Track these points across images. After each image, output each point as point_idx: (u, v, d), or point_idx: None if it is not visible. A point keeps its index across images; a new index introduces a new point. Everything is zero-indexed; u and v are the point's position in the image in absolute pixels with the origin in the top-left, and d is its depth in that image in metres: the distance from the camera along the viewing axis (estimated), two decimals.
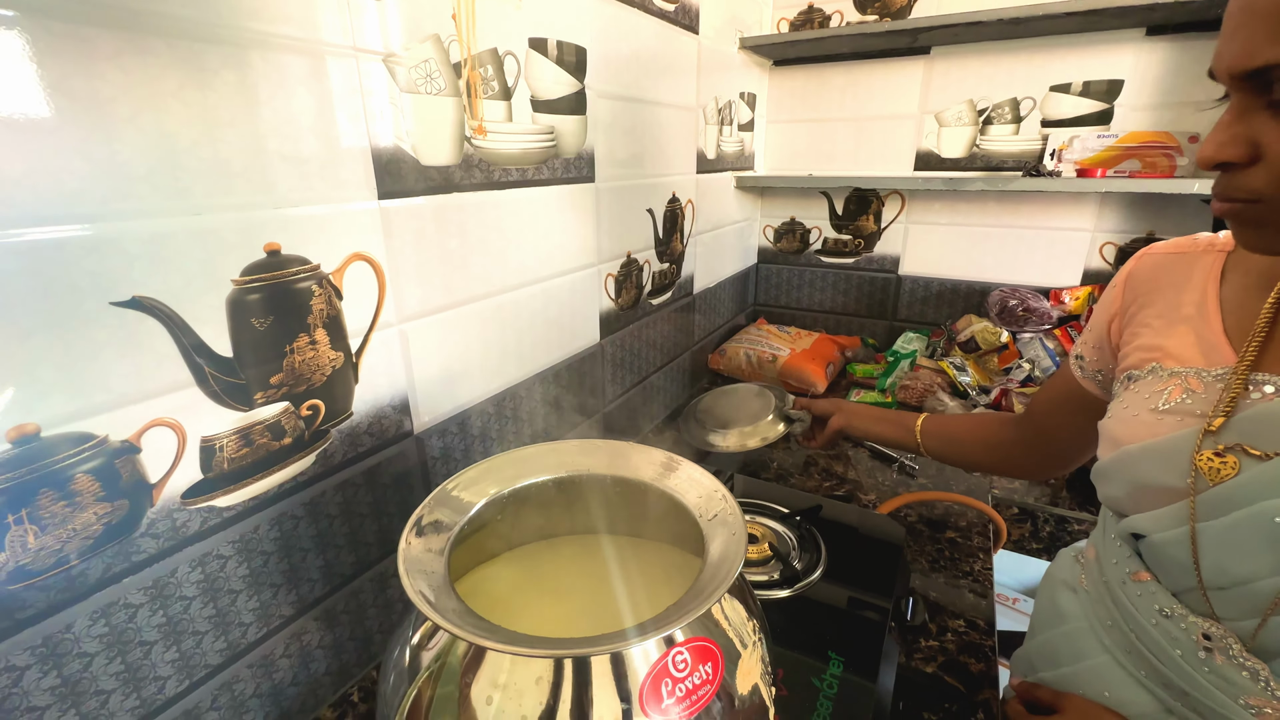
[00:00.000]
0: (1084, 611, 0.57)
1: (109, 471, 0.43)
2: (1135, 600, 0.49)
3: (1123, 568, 0.51)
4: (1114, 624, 0.52)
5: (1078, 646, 0.55)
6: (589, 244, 0.93)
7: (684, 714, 0.30)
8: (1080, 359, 0.63)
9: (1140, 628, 0.48)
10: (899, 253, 1.55)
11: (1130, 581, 0.49)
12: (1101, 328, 0.60)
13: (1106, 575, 0.53)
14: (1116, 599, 0.51)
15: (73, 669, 0.43)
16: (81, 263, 0.40)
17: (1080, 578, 0.59)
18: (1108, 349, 0.59)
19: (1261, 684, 0.41)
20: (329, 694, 0.64)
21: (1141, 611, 0.48)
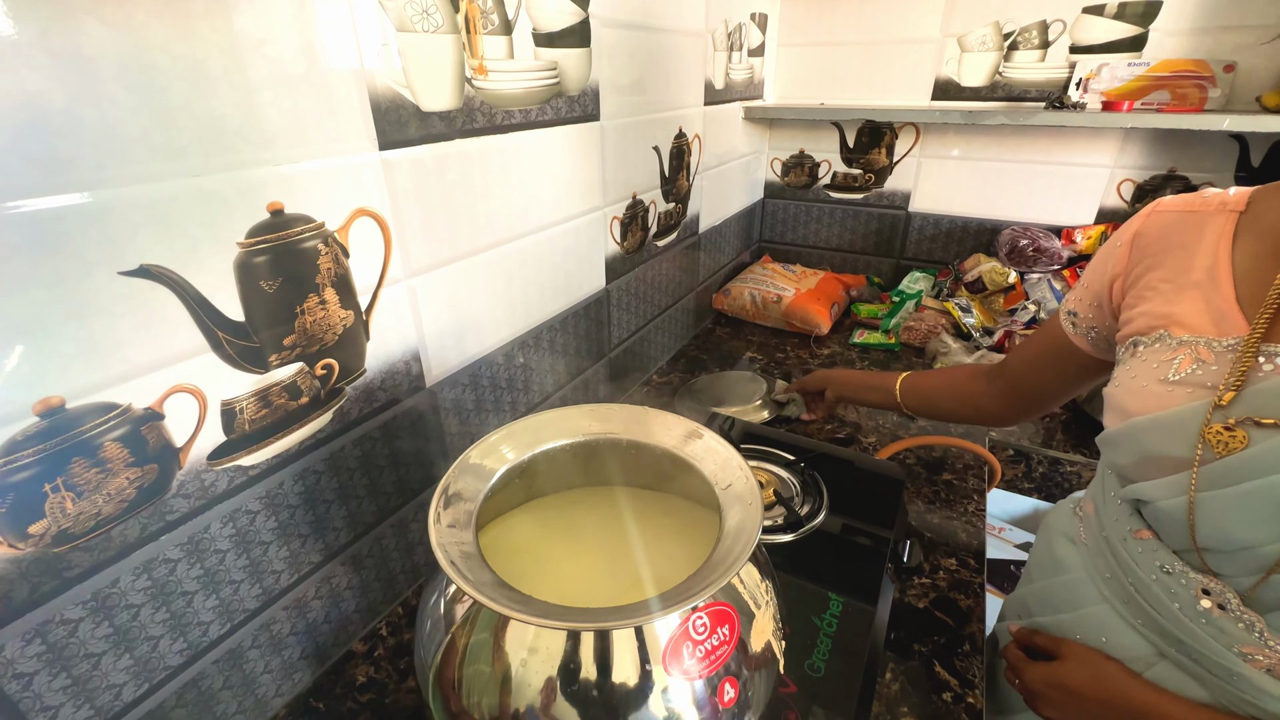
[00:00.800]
0: (1083, 563, 0.58)
1: (136, 438, 0.44)
2: (1136, 556, 0.50)
3: (1123, 525, 0.52)
4: (1113, 576, 0.54)
5: (1076, 595, 0.58)
6: (594, 186, 0.91)
7: (703, 672, 0.33)
8: (1073, 315, 0.61)
9: (1140, 582, 0.50)
10: (910, 188, 1.51)
11: (1131, 539, 0.51)
12: (1101, 286, 0.57)
13: (1106, 531, 0.54)
14: (1117, 554, 0.53)
15: (123, 619, 0.46)
16: (85, 233, 0.39)
17: (1079, 531, 0.61)
18: (1106, 308, 0.57)
19: (1256, 634, 0.44)
20: (359, 629, 0.68)
21: (1142, 567, 0.50)
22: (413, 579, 0.74)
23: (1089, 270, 0.60)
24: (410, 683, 0.64)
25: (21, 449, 0.38)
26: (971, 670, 0.64)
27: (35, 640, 0.41)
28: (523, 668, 0.34)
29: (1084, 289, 0.60)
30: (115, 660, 0.46)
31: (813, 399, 1.02)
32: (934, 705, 0.61)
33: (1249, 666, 0.44)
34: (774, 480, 0.80)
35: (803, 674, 0.57)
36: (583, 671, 0.34)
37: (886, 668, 0.64)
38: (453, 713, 0.38)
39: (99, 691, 0.45)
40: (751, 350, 1.37)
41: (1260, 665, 0.44)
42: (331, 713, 0.61)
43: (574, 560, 0.51)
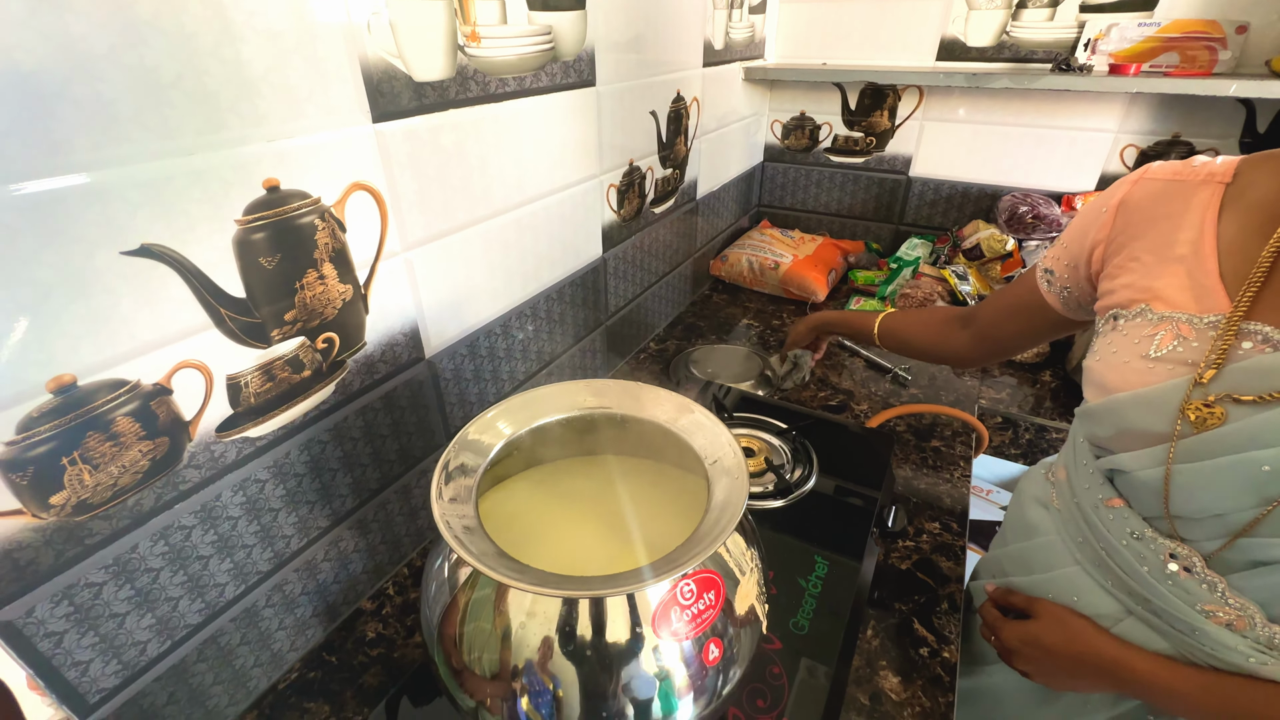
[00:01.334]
0: (1055, 527, 0.61)
1: (146, 413, 0.45)
2: (1107, 523, 0.52)
3: (1095, 493, 0.54)
4: (1084, 541, 0.56)
5: (1049, 558, 0.60)
6: (590, 154, 0.90)
7: (690, 634, 0.35)
8: (1050, 273, 0.61)
9: (1111, 546, 0.52)
10: (911, 152, 1.49)
11: (1103, 506, 0.53)
12: (1081, 250, 0.56)
13: (1079, 498, 0.56)
14: (1088, 520, 0.55)
15: (143, 581, 0.48)
16: (86, 214, 0.39)
17: (1052, 496, 0.63)
18: (1083, 272, 0.57)
19: (1218, 594, 0.47)
20: (367, 589, 0.72)
21: (1113, 533, 0.52)
22: (417, 541, 0.77)
23: (1070, 231, 0.59)
24: (417, 638, 0.67)
25: (38, 425, 0.40)
26: (949, 627, 0.68)
27: (63, 602, 0.43)
28: (521, 629, 0.36)
29: (1062, 249, 0.59)
30: (139, 620, 0.49)
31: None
32: (911, 659, 0.64)
33: (1210, 623, 0.47)
34: (765, 448, 0.82)
35: (788, 631, 0.60)
36: (578, 632, 0.36)
37: (868, 625, 0.68)
38: (455, 668, 0.41)
39: (125, 648, 0.48)
40: (748, 317, 1.38)
41: (1220, 621, 0.47)
42: (344, 666, 0.64)
43: (569, 525, 0.53)
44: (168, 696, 0.53)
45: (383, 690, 0.62)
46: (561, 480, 0.57)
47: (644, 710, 0.36)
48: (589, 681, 0.36)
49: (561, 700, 0.37)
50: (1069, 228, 0.59)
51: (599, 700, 0.36)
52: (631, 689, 0.36)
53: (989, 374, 1.17)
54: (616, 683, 0.36)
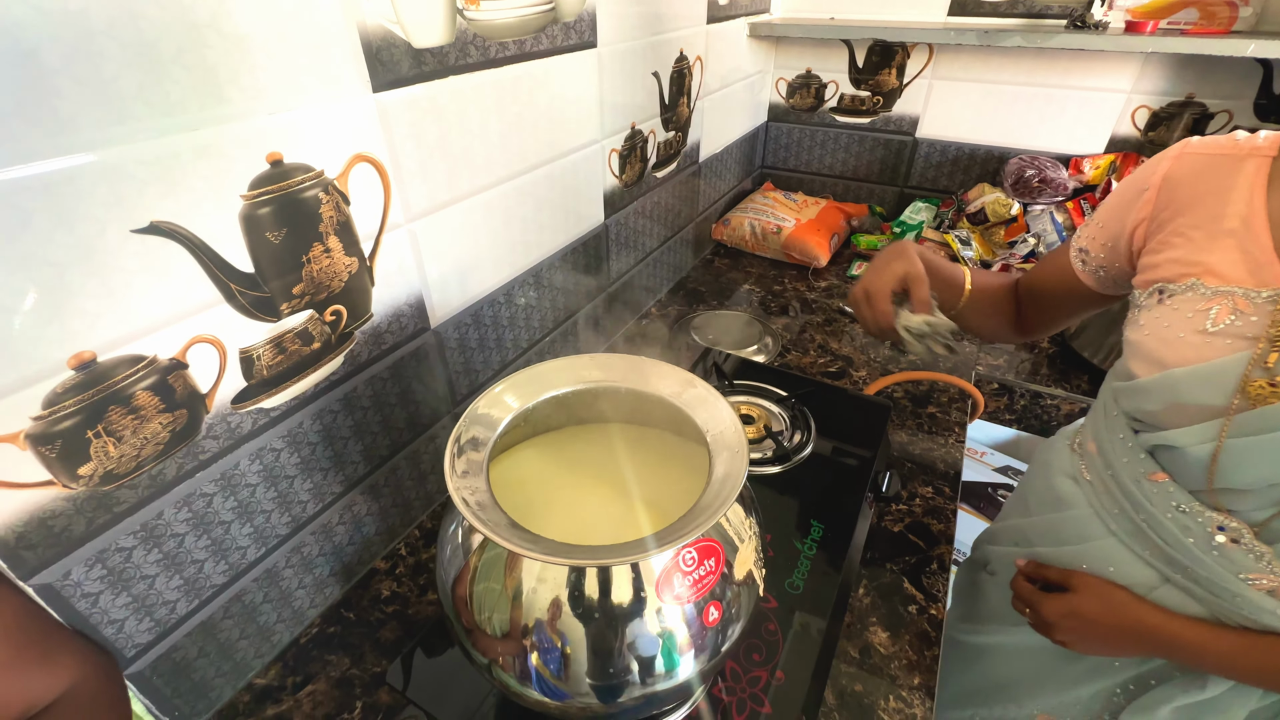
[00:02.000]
0: (1087, 500, 0.60)
1: (164, 387, 0.47)
2: (1151, 497, 0.52)
3: (1136, 468, 0.53)
4: (1121, 513, 0.56)
5: (1082, 529, 0.60)
6: (592, 119, 0.88)
7: (691, 598, 0.38)
8: (1084, 253, 0.60)
9: (1154, 519, 0.52)
10: (919, 113, 1.46)
11: (1146, 481, 0.52)
12: (1121, 229, 0.55)
13: (1116, 471, 0.56)
14: (1128, 493, 0.54)
15: (170, 546, 0.51)
16: (95, 193, 0.39)
17: (1081, 469, 0.62)
18: (1124, 251, 0.56)
19: (1264, 563, 0.48)
20: (380, 549, 0.75)
21: (1157, 506, 0.52)
22: (426, 505, 0.80)
23: (1105, 210, 0.58)
24: (430, 596, 0.71)
25: (62, 400, 0.41)
26: (937, 586, 0.71)
27: (96, 566, 0.46)
28: (532, 593, 0.39)
29: (1098, 228, 0.58)
30: (167, 581, 0.51)
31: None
32: (900, 616, 0.68)
33: (1251, 589, 0.49)
34: (765, 414, 0.84)
35: (783, 591, 0.63)
36: (586, 595, 0.38)
37: (860, 584, 0.71)
38: (469, 628, 0.43)
39: (156, 607, 0.51)
40: (750, 283, 1.38)
41: (1262, 588, 0.48)
42: (361, 621, 0.68)
43: (576, 490, 0.55)
44: (198, 650, 0.56)
45: (399, 644, 0.65)
46: (568, 446, 0.59)
47: (648, 666, 0.39)
48: (596, 640, 0.38)
49: (569, 657, 0.40)
50: (1103, 207, 0.58)
51: (605, 657, 0.38)
52: (636, 647, 0.38)
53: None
54: (622, 641, 0.39)
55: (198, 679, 0.57)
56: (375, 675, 0.63)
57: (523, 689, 0.42)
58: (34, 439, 0.40)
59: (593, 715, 0.43)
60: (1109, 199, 0.58)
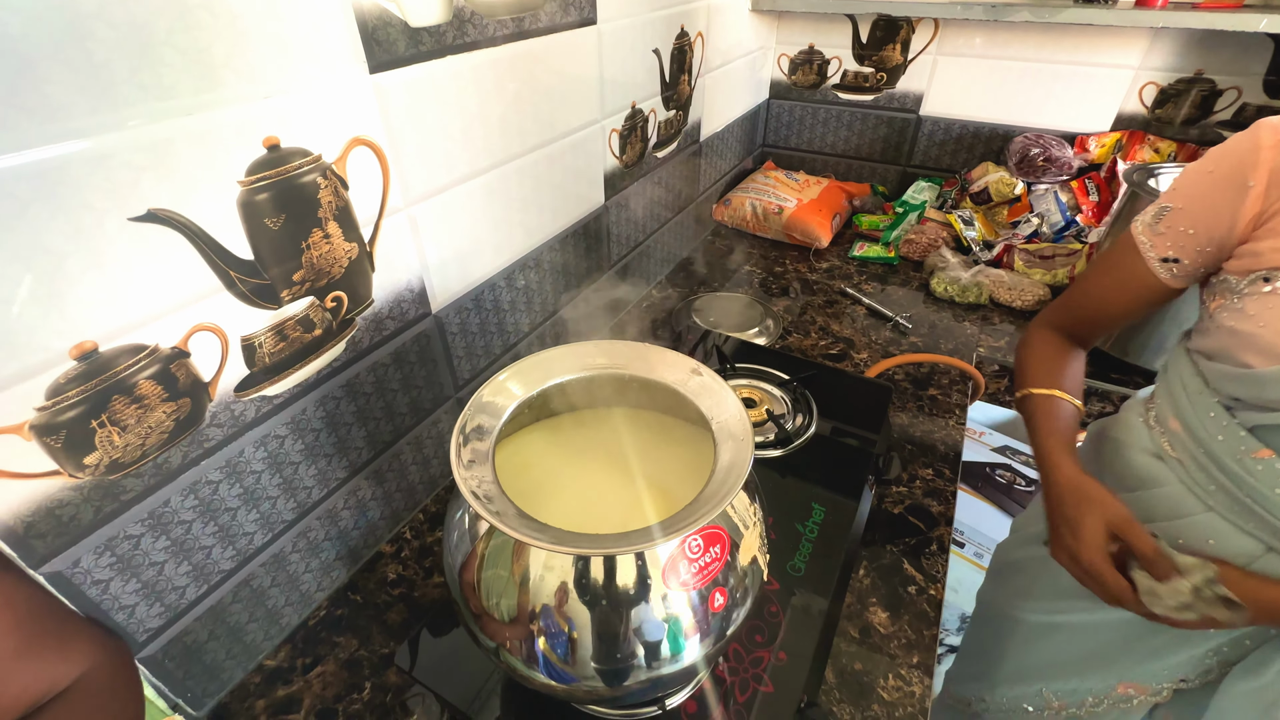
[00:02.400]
0: (1178, 477, 0.59)
1: (167, 376, 0.46)
2: (1256, 474, 0.52)
3: (1236, 446, 0.53)
4: (1219, 489, 0.55)
5: (1175, 506, 0.59)
6: (592, 98, 0.87)
7: (697, 584, 0.38)
8: (1175, 263, 0.58)
9: (1259, 494, 0.52)
10: (923, 89, 1.43)
11: (1249, 458, 0.52)
12: (1225, 231, 0.53)
13: (1211, 449, 0.55)
14: (1229, 471, 0.54)
15: (177, 533, 0.51)
16: (90, 181, 0.39)
17: (1165, 446, 0.61)
18: (1225, 249, 0.54)
19: None
20: (385, 533, 0.75)
21: (1263, 482, 0.51)
22: (430, 489, 0.81)
23: (1194, 216, 0.56)
24: (435, 579, 0.72)
25: (65, 390, 0.41)
26: (936, 568, 0.72)
27: (105, 553, 0.46)
28: (539, 579, 0.39)
29: (1186, 235, 0.56)
30: (176, 567, 0.52)
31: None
32: (900, 596, 0.69)
33: None
34: (766, 398, 0.84)
35: (784, 573, 0.64)
36: (592, 582, 0.39)
37: (860, 565, 0.72)
38: (477, 612, 0.44)
39: (166, 592, 0.52)
40: (750, 264, 1.37)
41: None
42: (368, 604, 0.69)
43: (582, 472, 0.55)
44: (209, 634, 0.57)
45: (406, 626, 0.66)
46: (571, 429, 0.59)
47: (654, 650, 0.39)
48: (603, 625, 0.39)
49: (576, 642, 0.40)
50: (1187, 212, 0.56)
51: (612, 642, 0.39)
52: (642, 632, 0.39)
53: (989, 322, 1.18)
54: (628, 626, 0.39)
55: (209, 661, 0.58)
56: (383, 656, 0.64)
57: (530, 672, 0.43)
58: (38, 429, 0.40)
59: (598, 697, 0.44)
60: (1190, 198, 0.56)
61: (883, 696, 0.60)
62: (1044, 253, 1.25)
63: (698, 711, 0.53)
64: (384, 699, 0.60)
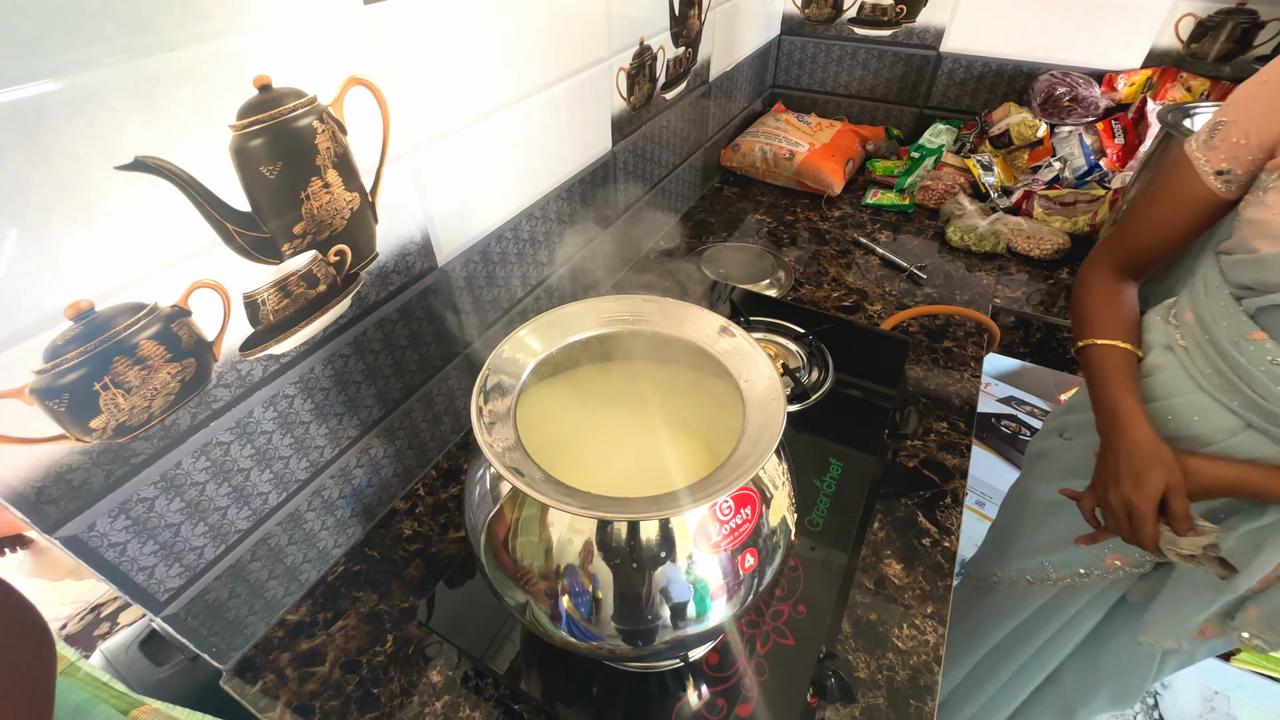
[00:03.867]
0: (1179, 362, 0.64)
1: (169, 335, 0.44)
2: (1248, 354, 0.56)
3: (1235, 330, 0.57)
4: (1214, 370, 0.60)
5: (1169, 388, 0.64)
6: (599, 33, 0.81)
7: (728, 546, 0.37)
8: (1228, 174, 0.60)
9: (1247, 372, 0.57)
10: (944, 23, 1.35)
11: (1244, 340, 0.57)
12: (1273, 137, 0.56)
13: (1213, 335, 0.60)
14: (1224, 352, 0.59)
15: (191, 494, 0.50)
16: (71, 125, 0.36)
17: (1175, 337, 0.65)
18: (1272, 151, 0.57)
19: None
20: (399, 490, 0.75)
21: (1252, 361, 0.56)
22: (441, 445, 0.80)
23: (1240, 125, 0.58)
24: (450, 534, 0.72)
25: (64, 352, 0.39)
26: (950, 520, 0.72)
27: (120, 516, 0.45)
28: (565, 541, 0.38)
29: (1237, 146, 0.59)
30: (192, 528, 0.51)
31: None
32: (914, 548, 0.69)
33: None
34: (782, 352, 0.83)
35: (803, 528, 0.64)
36: (619, 544, 0.38)
37: (875, 519, 0.72)
38: (500, 571, 0.43)
39: (184, 553, 0.51)
40: (760, 213, 1.33)
41: None
42: (385, 559, 0.69)
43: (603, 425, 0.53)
44: (229, 592, 0.57)
45: (424, 581, 0.67)
46: (592, 382, 0.57)
47: (681, 611, 0.39)
48: (631, 587, 0.38)
49: (601, 602, 0.40)
50: (1240, 124, 0.58)
51: (638, 604, 0.39)
52: (670, 594, 0.38)
53: (1005, 272, 1.15)
54: (654, 588, 0.39)
55: (231, 618, 0.58)
56: (404, 610, 0.64)
57: (553, 629, 0.43)
58: (40, 393, 0.38)
59: (621, 655, 0.44)
60: (1244, 110, 0.59)
61: (898, 645, 0.61)
62: (1065, 199, 1.20)
63: (719, 664, 0.54)
64: (406, 651, 0.61)
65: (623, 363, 0.50)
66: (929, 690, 0.58)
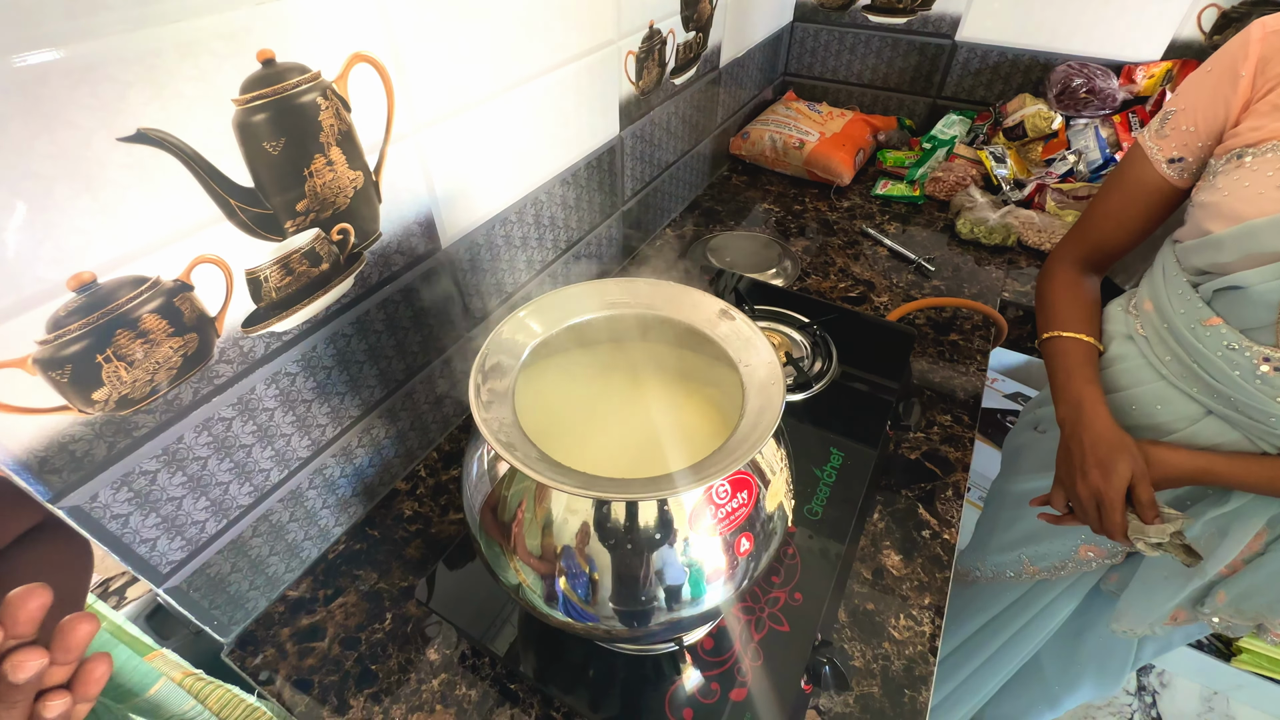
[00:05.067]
0: (1140, 351, 0.66)
1: (171, 310, 0.45)
2: (1204, 340, 0.58)
3: (1192, 316, 0.59)
4: (1174, 358, 0.61)
5: (1134, 377, 0.66)
6: (607, 15, 0.80)
7: (723, 530, 0.37)
8: (1180, 161, 0.62)
9: (1204, 358, 0.58)
10: (960, 11, 1.33)
11: (1200, 326, 0.58)
12: (1221, 121, 0.58)
13: (1171, 323, 0.61)
14: (1181, 339, 0.60)
15: (193, 469, 0.51)
16: (73, 95, 0.36)
17: (1135, 326, 0.67)
18: (1219, 138, 0.59)
19: None
20: (400, 471, 0.75)
21: (1208, 347, 0.57)
22: (444, 428, 0.80)
23: (1192, 113, 0.60)
24: (451, 515, 0.72)
25: (66, 323, 0.39)
26: (951, 513, 0.72)
27: (122, 489, 0.46)
28: (562, 522, 0.38)
29: (1188, 133, 0.60)
30: (194, 502, 0.52)
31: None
32: (914, 540, 0.69)
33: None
34: (786, 341, 0.82)
35: (802, 517, 0.64)
36: (615, 525, 0.38)
37: (875, 509, 0.72)
38: (497, 551, 0.43)
39: (186, 527, 0.52)
40: (768, 202, 1.32)
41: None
42: (386, 539, 0.70)
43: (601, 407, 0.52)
44: (231, 566, 0.57)
45: (424, 561, 0.67)
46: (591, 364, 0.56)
47: (676, 594, 0.39)
48: (626, 569, 0.38)
49: (597, 583, 0.40)
50: (1189, 112, 0.60)
51: (634, 585, 0.39)
52: (665, 576, 0.38)
53: (1015, 265, 1.14)
54: (650, 569, 0.39)
55: (233, 592, 0.59)
56: (403, 589, 0.65)
57: (549, 610, 0.43)
58: (42, 364, 0.39)
59: (617, 636, 0.45)
60: (1191, 98, 0.60)
61: (894, 635, 0.61)
62: (1078, 193, 1.19)
63: (714, 648, 0.54)
64: (405, 629, 0.62)
65: (623, 345, 0.50)
66: (923, 680, 0.58)
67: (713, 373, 0.45)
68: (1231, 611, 0.65)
